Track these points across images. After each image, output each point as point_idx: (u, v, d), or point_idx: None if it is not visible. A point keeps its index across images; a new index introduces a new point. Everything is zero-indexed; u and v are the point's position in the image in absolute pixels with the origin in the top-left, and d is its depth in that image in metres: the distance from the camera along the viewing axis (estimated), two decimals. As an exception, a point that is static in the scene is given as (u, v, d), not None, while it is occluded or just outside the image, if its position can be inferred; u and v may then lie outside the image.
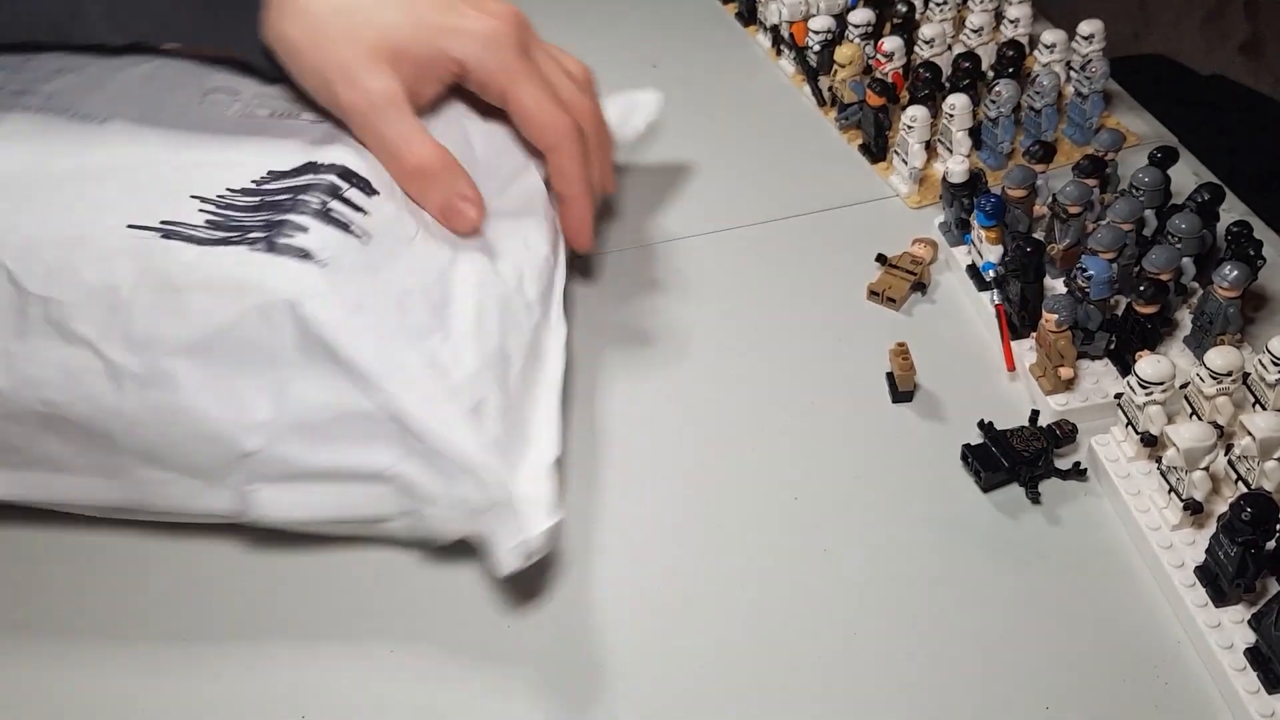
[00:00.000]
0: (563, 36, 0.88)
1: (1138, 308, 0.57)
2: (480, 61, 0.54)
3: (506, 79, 0.54)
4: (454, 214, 0.53)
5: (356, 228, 0.49)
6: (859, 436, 0.57)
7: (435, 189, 0.53)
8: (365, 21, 0.52)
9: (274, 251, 0.47)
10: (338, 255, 0.48)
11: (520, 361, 0.51)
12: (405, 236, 0.51)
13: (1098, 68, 0.72)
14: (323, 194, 0.50)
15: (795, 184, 0.73)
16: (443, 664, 0.48)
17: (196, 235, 0.48)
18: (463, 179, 0.53)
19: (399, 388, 0.46)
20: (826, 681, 0.47)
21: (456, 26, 0.53)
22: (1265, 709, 0.44)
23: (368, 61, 0.52)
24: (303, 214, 0.49)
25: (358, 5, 0.53)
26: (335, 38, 0.52)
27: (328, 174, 0.51)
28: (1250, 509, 0.46)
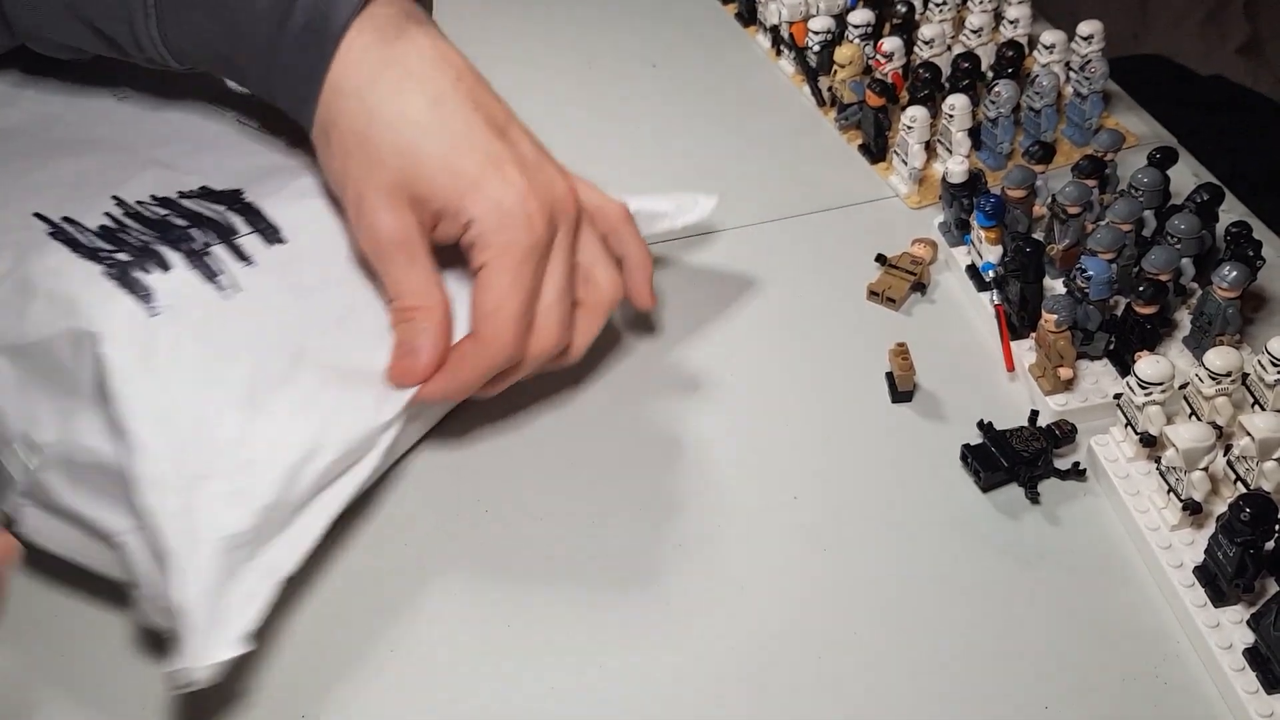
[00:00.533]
0: (563, 36, 0.88)
1: (1137, 308, 0.57)
2: (480, 233, 0.49)
3: (492, 258, 0.49)
4: (399, 357, 0.50)
5: (226, 279, 0.49)
6: (859, 436, 0.57)
7: (402, 332, 0.51)
8: (401, 150, 0.49)
9: (120, 282, 0.47)
10: (182, 305, 0.47)
11: (321, 468, 0.47)
12: (292, 294, 0.49)
13: (1097, 68, 0.72)
14: (214, 234, 0.50)
15: (795, 184, 0.73)
16: (443, 664, 0.48)
17: (78, 240, 0.49)
18: (431, 334, 0.50)
19: (149, 456, 0.43)
20: (827, 681, 0.47)
21: (477, 187, 0.49)
22: (1264, 709, 0.45)
23: (385, 196, 0.49)
24: (178, 250, 0.49)
25: (405, 120, 0.49)
26: (367, 160, 0.49)
27: (238, 213, 0.51)
28: (1249, 509, 0.46)
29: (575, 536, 0.52)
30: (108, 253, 0.48)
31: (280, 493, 0.45)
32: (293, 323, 0.49)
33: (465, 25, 0.60)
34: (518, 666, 0.48)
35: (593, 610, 0.50)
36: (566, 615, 0.49)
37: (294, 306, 0.49)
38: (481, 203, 0.49)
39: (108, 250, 0.48)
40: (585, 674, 0.47)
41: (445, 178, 0.49)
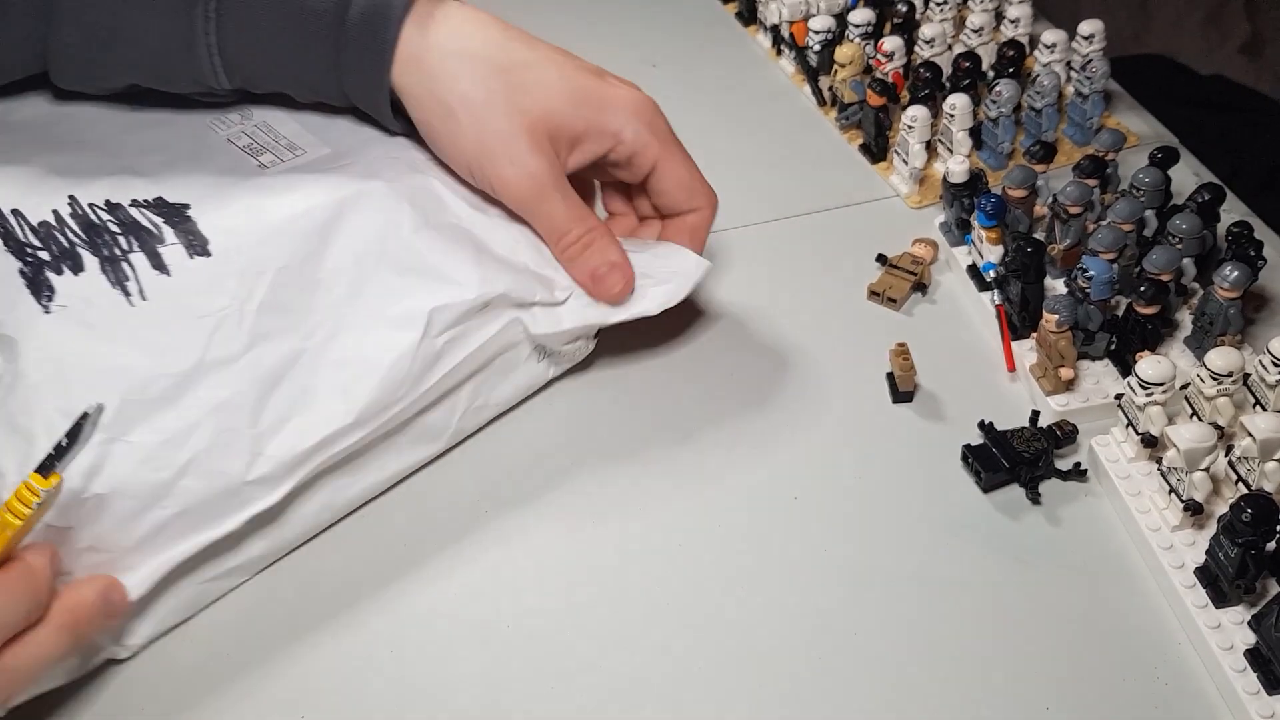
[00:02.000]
0: (563, 36, 0.88)
1: (1138, 308, 0.57)
2: (637, 134, 0.54)
3: (661, 149, 0.55)
4: (600, 281, 0.53)
5: (133, 286, 0.49)
6: (859, 436, 0.57)
7: (587, 259, 0.53)
8: (522, 87, 0.52)
9: (29, 280, 0.48)
10: (79, 306, 0.48)
11: (166, 517, 0.46)
12: (197, 314, 0.48)
13: (1098, 68, 0.72)
14: (139, 241, 0.50)
15: (795, 184, 0.73)
16: (443, 664, 0.48)
17: (13, 233, 0.50)
18: (613, 248, 0.54)
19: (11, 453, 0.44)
20: (827, 681, 0.47)
21: (612, 99, 0.53)
22: (1265, 710, 0.44)
23: (528, 138, 0.51)
24: (98, 255, 0.49)
25: (513, 64, 0.52)
26: (494, 108, 0.51)
27: (174, 225, 0.51)
28: (1250, 510, 0.46)
29: (574, 536, 0.52)
30: (34, 249, 0.49)
31: (120, 528, 0.45)
32: (189, 344, 0.48)
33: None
34: (517, 666, 0.47)
35: (592, 610, 0.50)
36: (566, 615, 0.49)
37: (194, 327, 0.48)
38: (622, 113, 0.53)
39: (35, 247, 0.49)
40: (585, 674, 0.47)
41: (575, 103, 0.52)
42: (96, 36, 0.52)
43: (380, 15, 0.51)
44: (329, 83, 0.53)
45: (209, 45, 0.52)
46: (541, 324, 0.53)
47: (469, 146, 0.52)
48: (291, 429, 0.48)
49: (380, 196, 0.52)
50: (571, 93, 0.52)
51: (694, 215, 0.57)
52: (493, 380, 0.55)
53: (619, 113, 0.53)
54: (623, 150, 0.54)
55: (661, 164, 0.55)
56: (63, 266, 0.49)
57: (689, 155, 0.56)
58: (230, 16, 0.51)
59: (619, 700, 0.46)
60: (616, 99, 0.53)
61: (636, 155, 0.54)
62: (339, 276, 0.51)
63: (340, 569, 0.51)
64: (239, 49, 0.52)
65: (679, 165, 0.56)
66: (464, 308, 0.51)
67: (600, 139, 0.54)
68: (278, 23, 0.51)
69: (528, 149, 0.51)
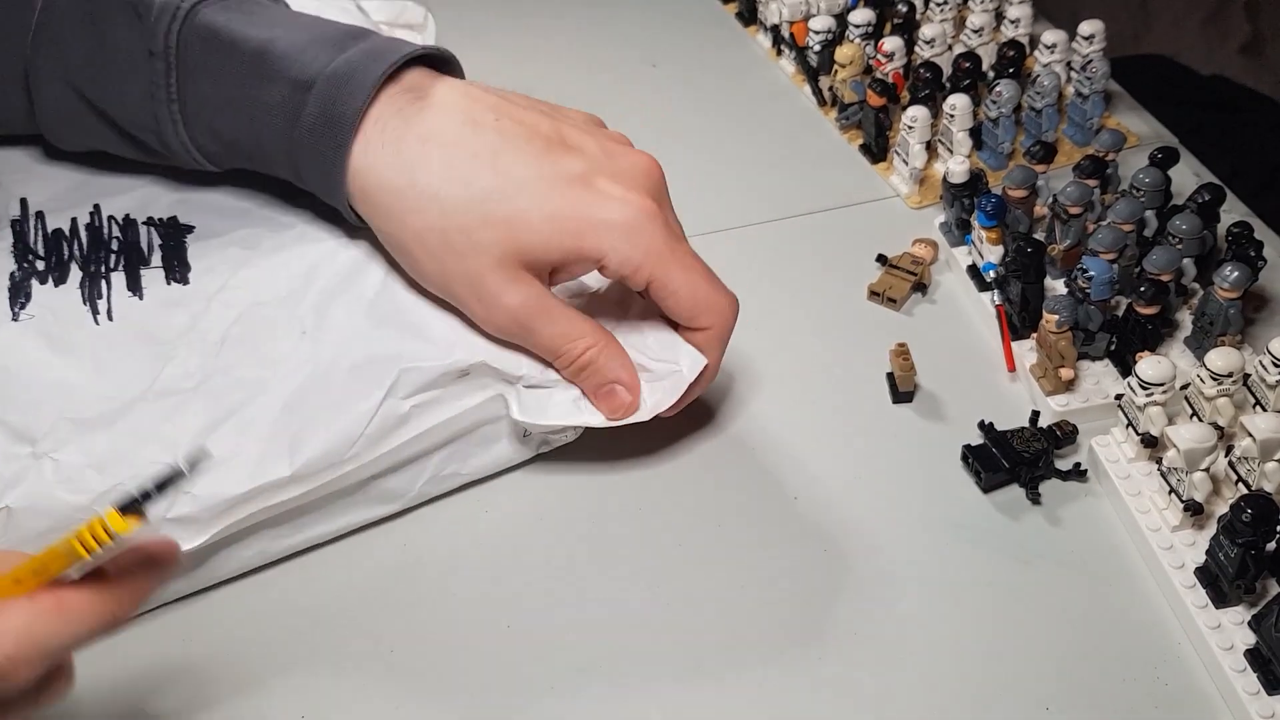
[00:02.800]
0: (563, 36, 0.88)
1: (1138, 308, 0.57)
2: (625, 257, 0.47)
3: (655, 268, 0.48)
4: (604, 399, 0.50)
5: (103, 305, 0.49)
6: (859, 436, 0.57)
7: (587, 379, 0.50)
8: (487, 223, 0.46)
9: (12, 286, 0.49)
10: (47, 321, 0.48)
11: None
12: (158, 341, 0.48)
13: (1098, 68, 0.72)
14: (125, 259, 0.50)
15: (795, 184, 0.73)
16: (443, 664, 0.48)
17: (25, 236, 0.51)
18: (614, 363, 0.50)
19: None
20: (827, 681, 0.47)
21: (594, 220, 0.47)
22: (1265, 710, 0.44)
23: (501, 274, 0.47)
24: (85, 269, 0.50)
25: (472, 198, 0.46)
26: (461, 248, 0.47)
27: (167, 247, 0.50)
28: (1250, 510, 0.46)
29: (573, 536, 0.52)
30: (35, 256, 0.50)
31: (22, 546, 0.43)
32: (142, 370, 0.47)
33: (465, 26, 0.60)
34: (517, 666, 0.47)
35: (592, 611, 0.50)
36: (566, 616, 0.49)
37: (152, 354, 0.48)
38: (606, 235, 0.47)
39: (36, 255, 0.50)
40: (584, 674, 0.47)
41: (549, 232, 0.47)
42: (73, 121, 0.52)
43: (325, 139, 0.47)
44: (302, 185, 0.51)
45: (184, 144, 0.51)
46: (528, 410, 0.50)
47: (433, 283, 0.49)
48: (225, 471, 0.45)
49: (370, 246, 0.52)
50: (544, 221, 0.47)
51: (700, 335, 0.51)
52: (467, 450, 0.52)
53: (602, 235, 0.47)
54: (611, 273, 0.49)
55: (656, 284, 0.48)
56: (49, 277, 0.49)
57: (698, 264, 0.50)
58: (196, 121, 0.50)
59: (618, 700, 0.47)
60: (597, 222, 0.47)
61: (627, 277, 0.49)
62: (315, 319, 0.49)
63: (339, 569, 0.51)
64: (213, 149, 0.51)
65: (680, 282, 0.49)
66: (435, 372, 0.48)
67: (582, 264, 0.49)
68: (239, 132, 0.50)
69: (500, 286, 0.47)
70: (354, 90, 0.47)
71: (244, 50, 0.48)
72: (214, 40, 0.48)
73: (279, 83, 0.48)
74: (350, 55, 0.48)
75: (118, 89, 0.50)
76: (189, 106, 0.50)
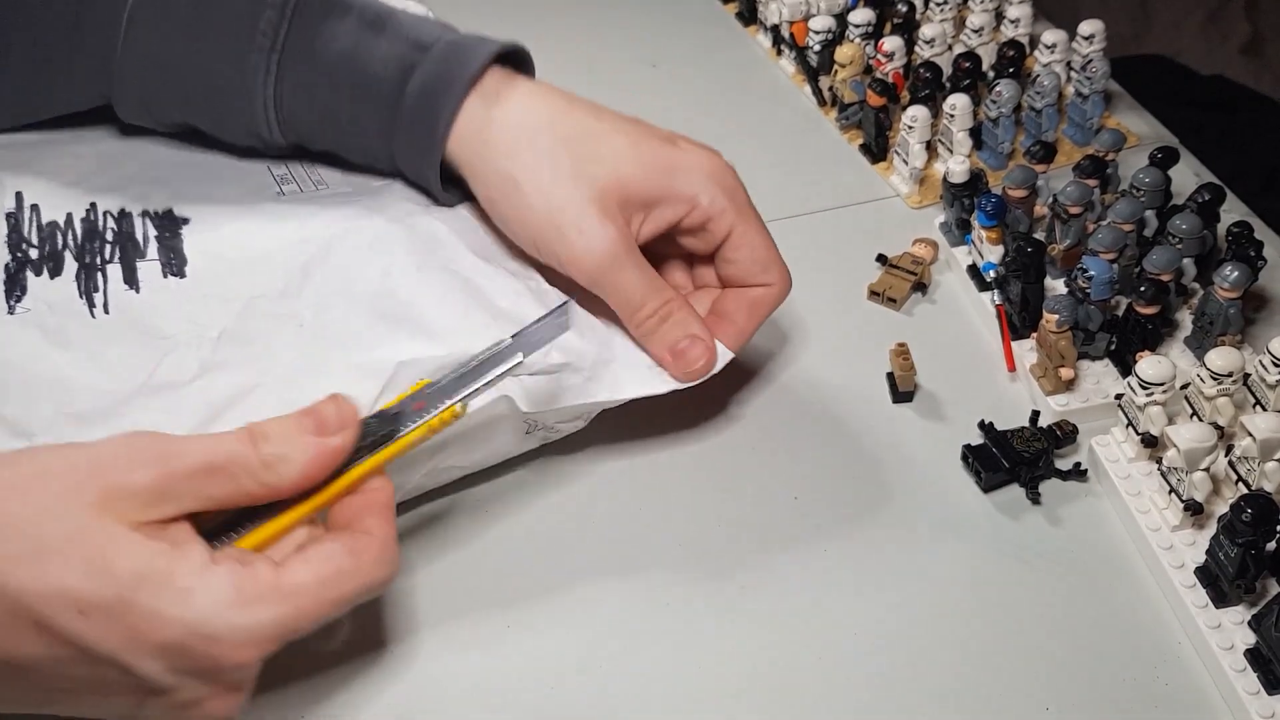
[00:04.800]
0: (563, 36, 0.88)
1: (1138, 308, 0.57)
2: (713, 199, 0.51)
3: (737, 216, 0.51)
4: (681, 356, 0.51)
5: (99, 299, 0.49)
6: (860, 437, 0.57)
7: (665, 333, 0.51)
8: (590, 156, 0.49)
9: (8, 277, 0.48)
10: (44, 313, 0.48)
11: None
12: (155, 335, 0.48)
13: (1098, 68, 0.72)
14: (121, 252, 0.50)
15: (795, 184, 0.73)
16: (442, 664, 0.48)
17: (19, 228, 0.50)
18: (692, 319, 0.51)
19: None
20: (827, 681, 0.47)
21: (686, 163, 0.51)
22: (1265, 710, 0.44)
23: (598, 208, 0.49)
24: (80, 261, 0.49)
25: (579, 134, 0.50)
26: (560, 177, 0.49)
27: (162, 240, 0.50)
28: (1250, 510, 0.46)
29: (573, 537, 0.52)
30: (28, 246, 0.50)
31: None
32: (138, 364, 0.47)
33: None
34: (517, 667, 0.47)
35: (592, 611, 0.50)
36: (565, 616, 0.49)
37: (149, 347, 0.48)
38: (697, 177, 0.51)
39: (30, 244, 0.50)
40: (584, 674, 0.47)
41: (648, 171, 0.50)
42: (159, 72, 0.52)
43: (441, 90, 0.50)
44: (382, 150, 0.53)
45: (266, 99, 0.52)
46: (536, 399, 0.49)
47: (534, 219, 0.50)
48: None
49: (373, 235, 0.51)
50: (642, 158, 0.50)
51: (760, 290, 0.53)
52: (467, 444, 0.51)
53: (693, 177, 0.51)
54: (697, 215, 0.51)
55: (737, 232, 0.51)
56: (44, 268, 0.49)
57: (767, 230, 0.53)
58: (291, 72, 0.51)
59: (618, 700, 0.46)
60: (690, 163, 0.51)
61: (711, 221, 0.51)
62: (313, 313, 0.49)
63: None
64: (296, 106, 0.52)
65: (755, 235, 0.52)
66: (433, 364, 0.47)
67: (675, 204, 0.51)
68: (338, 85, 0.51)
69: (597, 219, 0.49)
70: (471, 57, 0.50)
71: (365, 11, 0.51)
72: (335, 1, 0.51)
73: (398, 41, 0.51)
74: (461, 34, 0.52)
75: (216, 39, 0.51)
76: (288, 58, 0.51)
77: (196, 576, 0.35)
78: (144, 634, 0.34)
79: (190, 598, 0.34)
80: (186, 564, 0.35)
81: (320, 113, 0.52)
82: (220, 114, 0.53)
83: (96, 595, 0.34)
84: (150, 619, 0.34)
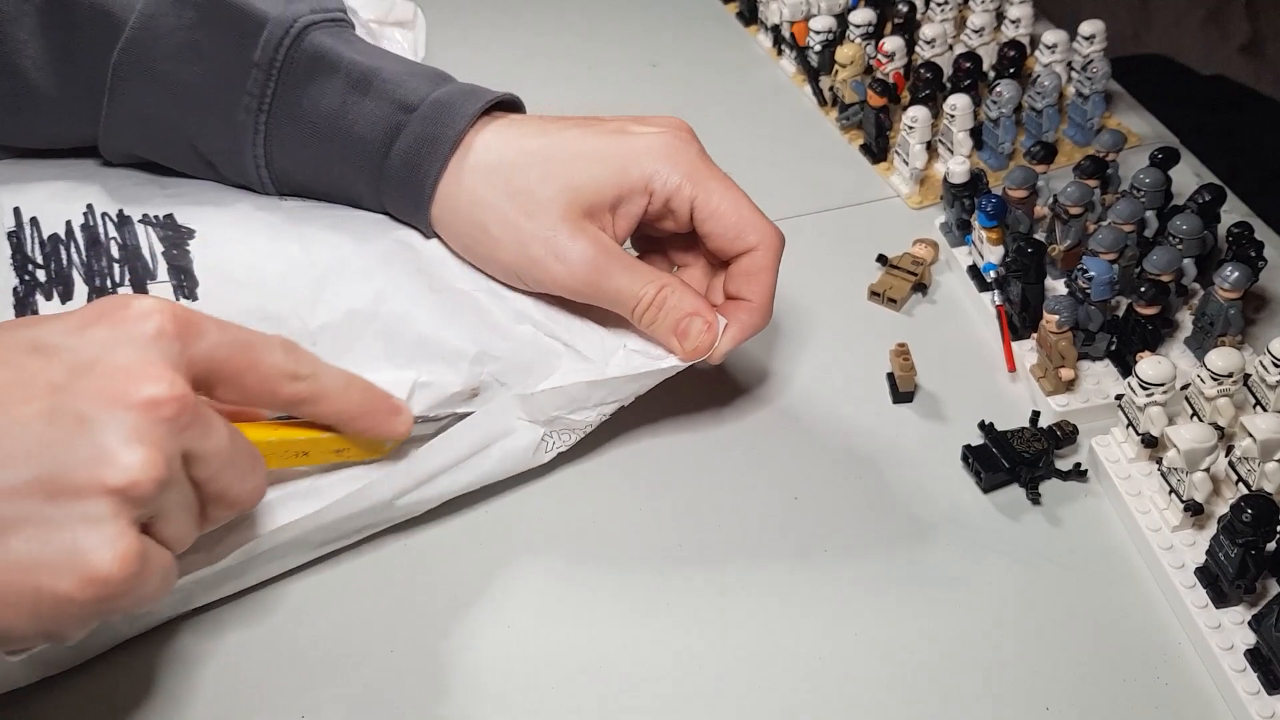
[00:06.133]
0: (563, 36, 0.88)
1: (1139, 309, 0.57)
2: (665, 178, 0.50)
3: (694, 185, 0.50)
4: (684, 335, 0.51)
5: None
6: (860, 437, 0.57)
7: (665, 319, 0.51)
8: (545, 178, 0.50)
9: (17, 302, 0.48)
10: None
11: None
12: None
13: (1099, 68, 0.72)
14: (131, 275, 0.50)
15: (796, 184, 0.73)
16: (442, 664, 0.48)
17: (23, 246, 0.50)
18: (687, 296, 0.51)
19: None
20: (827, 681, 0.47)
21: (632, 151, 0.50)
22: (1265, 710, 0.45)
23: (567, 227, 0.49)
24: (90, 284, 0.49)
25: (530, 159, 0.50)
26: (524, 209, 0.50)
27: (170, 258, 0.50)
28: (1251, 510, 0.46)
29: (573, 537, 0.52)
30: (35, 267, 0.50)
31: None
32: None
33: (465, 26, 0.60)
34: (517, 667, 0.48)
35: (591, 611, 0.50)
36: (564, 617, 0.49)
37: None
38: (648, 157, 0.50)
39: (36, 264, 0.50)
40: (584, 674, 0.47)
41: (598, 171, 0.50)
42: (147, 129, 0.52)
43: (424, 154, 0.50)
44: (374, 205, 0.54)
45: (256, 156, 0.52)
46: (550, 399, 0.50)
47: (510, 257, 0.50)
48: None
49: (381, 255, 0.52)
50: (593, 163, 0.50)
51: (748, 257, 0.52)
52: (481, 462, 0.51)
53: (643, 162, 0.50)
54: (656, 200, 0.51)
55: (700, 203, 0.50)
56: (54, 291, 0.49)
57: (736, 188, 0.51)
58: (278, 132, 0.51)
59: (618, 700, 0.47)
60: (636, 150, 0.50)
61: (670, 201, 0.50)
62: (324, 334, 0.49)
63: (338, 569, 0.51)
64: (285, 164, 0.53)
65: (720, 199, 0.51)
66: (448, 390, 0.49)
67: (634, 197, 0.50)
68: (325, 146, 0.51)
69: (569, 238, 0.49)
70: (456, 117, 0.50)
71: (351, 71, 0.51)
72: (321, 59, 0.51)
73: (384, 102, 0.51)
74: (450, 89, 0.52)
75: (203, 98, 0.51)
76: (275, 120, 0.51)
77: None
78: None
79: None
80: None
81: (310, 171, 0.53)
82: (211, 170, 0.54)
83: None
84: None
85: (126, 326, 0.37)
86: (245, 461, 0.40)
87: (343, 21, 0.53)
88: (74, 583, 0.34)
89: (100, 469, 0.34)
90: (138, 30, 0.51)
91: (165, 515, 0.37)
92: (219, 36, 0.51)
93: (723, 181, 0.51)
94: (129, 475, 0.35)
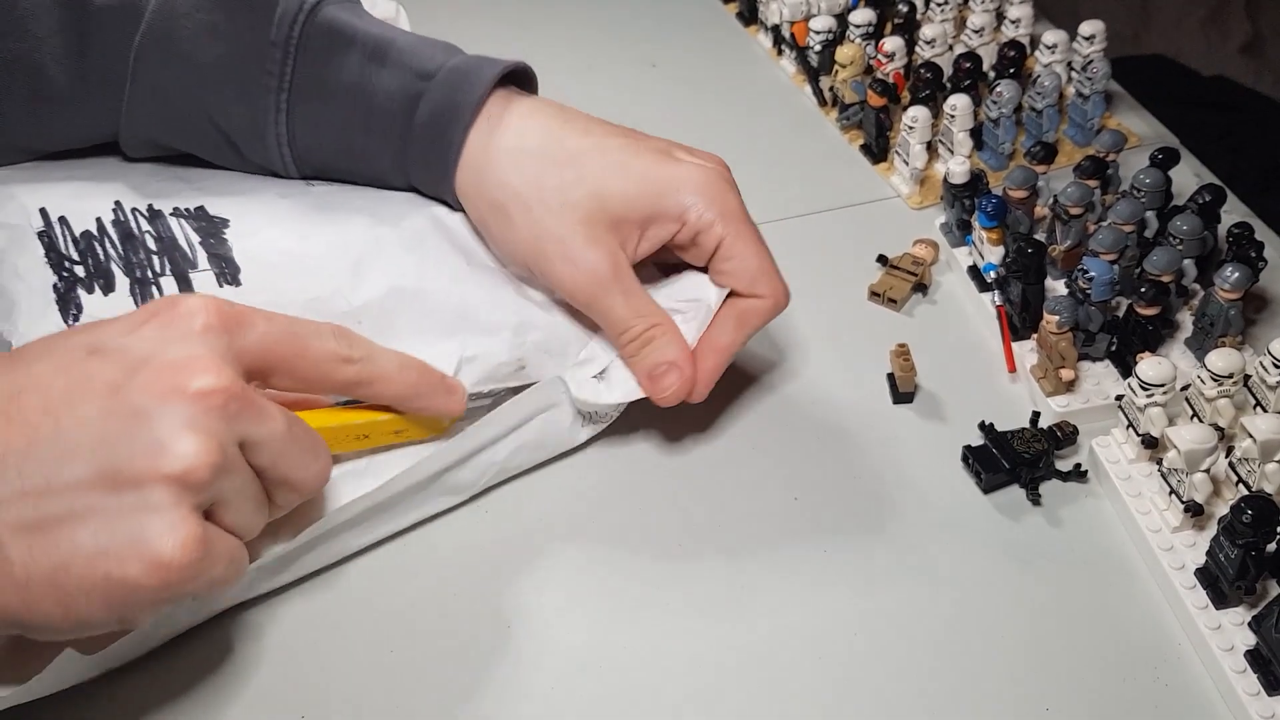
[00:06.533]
0: (563, 36, 0.88)
1: (1139, 309, 0.57)
2: (700, 214, 0.50)
3: (726, 228, 0.51)
4: (656, 381, 0.51)
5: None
6: (860, 437, 0.57)
7: (645, 357, 0.51)
8: (578, 180, 0.50)
9: (60, 297, 0.48)
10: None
11: None
12: None
13: (1099, 68, 0.72)
14: (172, 264, 0.50)
15: (796, 184, 0.73)
16: (442, 664, 0.48)
17: (56, 244, 0.50)
18: (672, 345, 0.51)
19: None
20: (827, 681, 0.47)
21: (674, 180, 0.50)
22: (1265, 711, 0.45)
23: (585, 233, 0.49)
24: (131, 275, 0.49)
25: (569, 156, 0.50)
26: (548, 203, 0.50)
27: (209, 247, 0.50)
28: (1251, 511, 0.46)
29: (573, 537, 0.52)
30: (72, 263, 0.50)
31: None
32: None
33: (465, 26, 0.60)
34: (517, 666, 0.48)
35: (591, 611, 0.50)
36: (564, 617, 0.49)
37: None
38: (687, 192, 0.50)
39: (73, 261, 0.50)
40: (584, 674, 0.47)
41: (634, 192, 0.50)
42: (168, 112, 0.53)
43: (447, 120, 0.51)
44: (398, 178, 0.54)
45: (279, 135, 0.52)
46: (585, 390, 0.52)
47: (522, 246, 0.51)
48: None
49: (416, 234, 0.52)
50: (631, 179, 0.50)
51: (751, 301, 0.52)
52: (528, 437, 0.52)
53: (682, 192, 0.50)
54: (686, 231, 0.51)
55: (726, 244, 0.51)
56: (95, 285, 0.49)
57: (762, 241, 0.52)
58: (300, 109, 0.52)
59: (618, 700, 0.47)
60: (679, 179, 0.50)
61: (700, 235, 0.51)
62: (368, 312, 0.50)
63: (338, 569, 0.51)
64: (308, 141, 0.53)
65: (746, 247, 0.51)
66: (493, 361, 0.50)
67: (665, 223, 0.51)
68: (347, 120, 0.52)
69: (583, 244, 0.49)
70: (474, 83, 0.51)
71: (366, 43, 0.52)
72: (337, 33, 0.52)
73: (401, 71, 0.51)
74: (465, 58, 0.52)
75: (224, 78, 0.51)
76: (297, 96, 0.52)
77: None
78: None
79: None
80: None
81: (333, 146, 0.53)
82: (233, 152, 0.54)
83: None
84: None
85: (176, 324, 0.38)
86: (306, 446, 0.41)
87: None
88: (140, 569, 0.36)
89: (158, 458, 0.36)
90: (156, 15, 0.51)
91: (228, 502, 0.39)
92: (235, 16, 0.51)
93: (752, 230, 0.52)
94: (185, 462, 0.36)
